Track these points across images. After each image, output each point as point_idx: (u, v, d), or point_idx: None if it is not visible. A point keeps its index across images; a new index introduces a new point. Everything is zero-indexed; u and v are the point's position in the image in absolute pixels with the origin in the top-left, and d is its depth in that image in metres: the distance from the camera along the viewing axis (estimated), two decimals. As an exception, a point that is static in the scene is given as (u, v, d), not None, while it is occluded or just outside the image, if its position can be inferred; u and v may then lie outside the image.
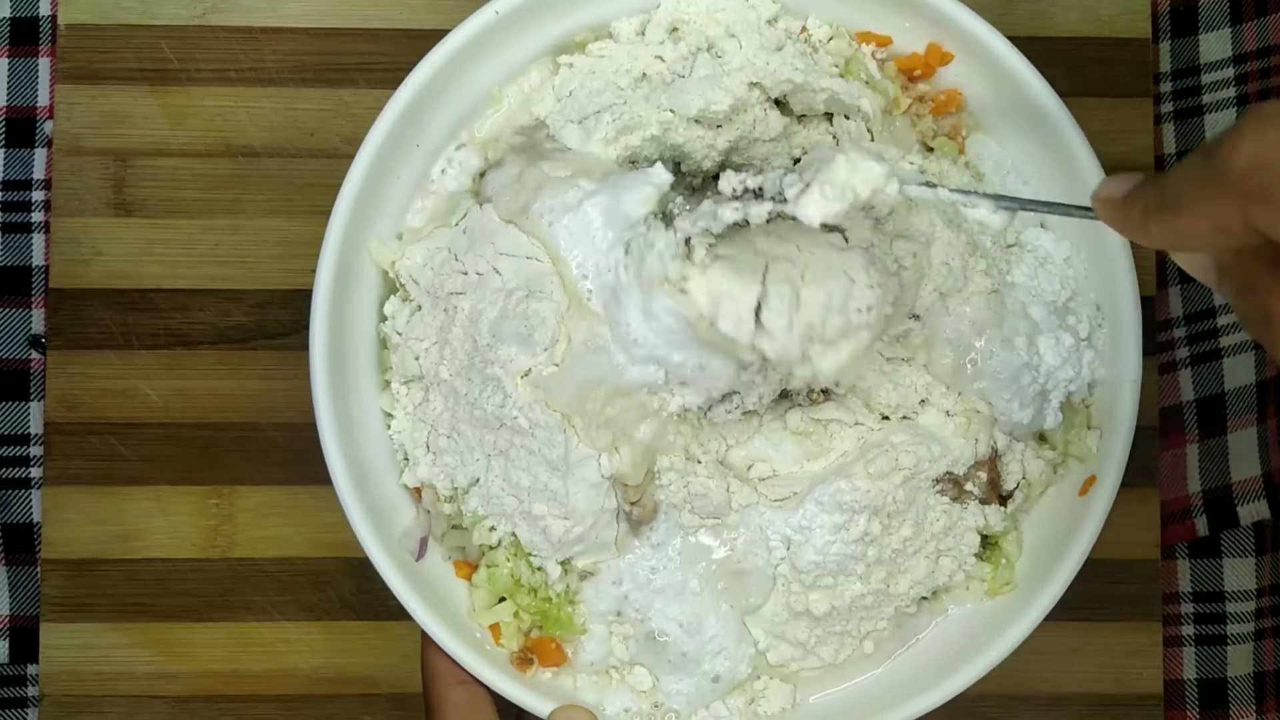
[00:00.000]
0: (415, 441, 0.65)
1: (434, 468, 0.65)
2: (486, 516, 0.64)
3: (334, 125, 0.76)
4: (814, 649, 0.65)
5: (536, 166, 0.63)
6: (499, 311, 0.61)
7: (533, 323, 0.60)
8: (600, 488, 0.62)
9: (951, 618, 0.67)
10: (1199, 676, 0.78)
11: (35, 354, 0.78)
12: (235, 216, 0.76)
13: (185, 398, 0.76)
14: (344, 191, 0.63)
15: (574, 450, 0.61)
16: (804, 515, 0.63)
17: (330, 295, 0.63)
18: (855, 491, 0.62)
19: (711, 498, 0.62)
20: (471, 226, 0.63)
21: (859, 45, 0.67)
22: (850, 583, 0.64)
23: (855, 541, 0.63)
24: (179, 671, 0.76)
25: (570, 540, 0.62)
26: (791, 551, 0.63)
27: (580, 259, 0.61)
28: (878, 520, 0.63)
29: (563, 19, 0.66)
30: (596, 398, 0.61)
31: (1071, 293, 0.66)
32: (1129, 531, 0.76)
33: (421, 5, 0.77)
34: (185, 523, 0.76)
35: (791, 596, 0.64)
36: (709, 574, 0.63)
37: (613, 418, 0.61)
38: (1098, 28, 0.77)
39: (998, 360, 0.63)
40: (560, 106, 0.65)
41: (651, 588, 0.63)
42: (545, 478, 0.61)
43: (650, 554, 0.63)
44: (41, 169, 0.78)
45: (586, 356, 0.61)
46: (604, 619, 0.64)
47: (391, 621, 0.76)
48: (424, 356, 0.65)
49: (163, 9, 0.76)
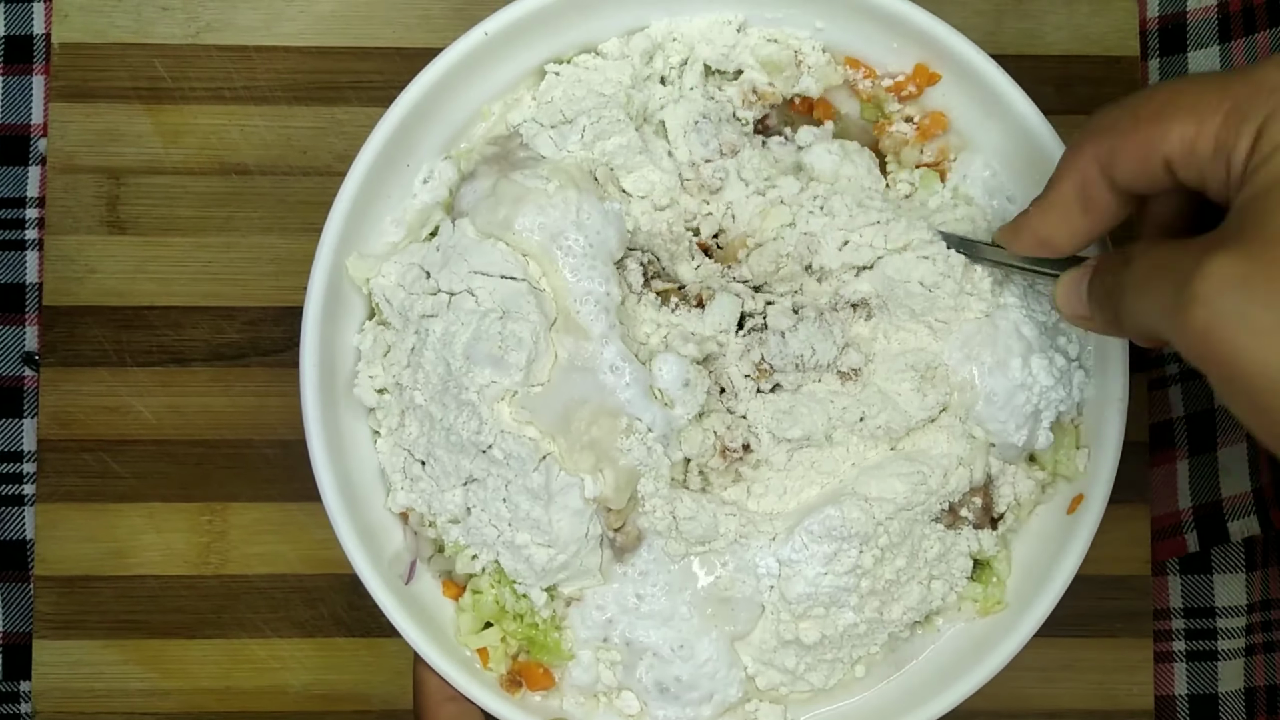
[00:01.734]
0: (394, 466, 0.65)
1: (414, 494, 0.65)
2: (468, 546, 0.64)
3: (327, 143, 0.77)
4: (803, 675, 0.65)
5: (509, 178, 0.63)
6: (472, 333, 0.61)
7: (508, 344, 0.60)
8: (583, 515, 0.61)
9: (943, 636, 0.67)
10: (1190, 692, 0.79)
11: (28, 371, 0.78)
12: (228, 234, 0.76)
13: (178, 414, 0.76)
14: (335, 209, 0.64)
15: (555, 478, 0.61)
16: (793, 547, 0.62)
17: (321, 313, 0.64)
18: (846, 521, 0.62)
19: (699, 520, 0.62)
20: (444, 243, 0.63)
21: (845, 69, 0.67)
22: (843, 613, 0.63)
23: (847, 573, 0.62)
24: (172, 688, 0.76)
25: (554, 568, 0.62)
26: (781, 581, 0.63)
27: (576, 277, 0.61)
28: (870, 552, 0.62)
29: (552, 39, 0.66)
30: (582, 418, 0.61)
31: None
32: (1120, 547, 0.76)
33: (414, 24, 0.77)
34: (178, 539, 0.76)
35: (781, 625, 0.63)
36: (696, 600, 0.63)
37: (597, 439, 0.61)
38: (1087, 46, 0.78)
39: (993, 382, 0.63)
40: (537, 112, 0.65)
41: (638, 614, 0.63)
42: (526, 506, 0.61)
43: (636, 581, 0.63)
44: (35, 187, 0.79)
45: (573, 375, 0.61)
46: (591, 645, 0.64)
47: (383, 638, 0.76)
48: (398, 379, 0.64)
49: (157, 28, 0.77)
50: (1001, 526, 0.66)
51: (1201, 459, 0.79)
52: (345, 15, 0.77)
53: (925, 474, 0.63)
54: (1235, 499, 0.78)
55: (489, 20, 0.64)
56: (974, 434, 0.64)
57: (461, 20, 0.74)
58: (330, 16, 0.77)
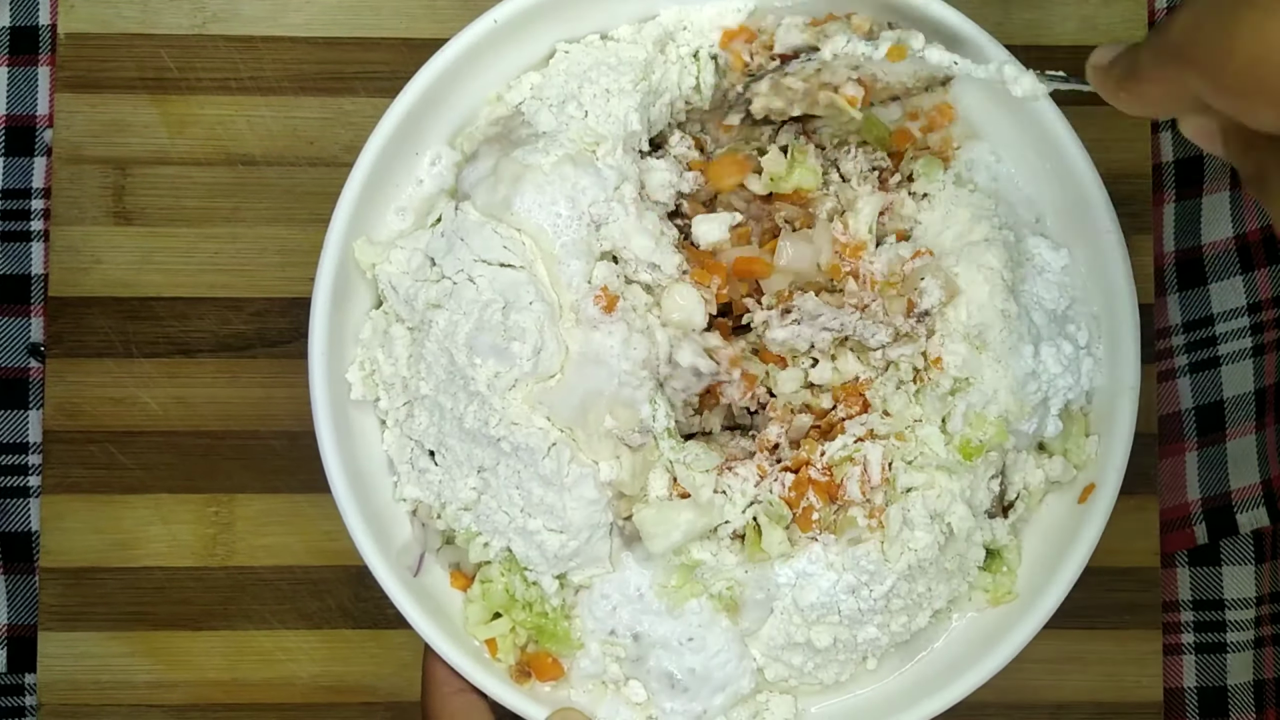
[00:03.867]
0: (401, 458, 0.65)
1: (421, 485, 0.64)
2: (480, 533, 0.63)
3: (333, 134, 0.76)
4: (813, 673, 0.64)
5: (510, 156, 0.62)
6: (475, 324, 0.60)
7: (511, 333, 0.60)
8: (598, 504, 0.61)
9: (954, 627, 0.67)
10: (1199, 684, 0.78)
11: (34, 362, 0.78)
12: (235, 225, 0.76)
13: (184, 406, 0.76)
14: (343, 199, 0.63)
15: (567, 465, 0.61)
16: (810, 558, 0.62)
17: (329, 303, 0.63)
18: (880, 563, 0.62)
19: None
20: (448, 228, 0.63)
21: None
22: (865, 629, 0.63)
23: (878, 599, 0.62)
24: (178, 680, 0.76)
25: (566, 555, 0.62)
26: (795, 590, 0.62)
27: (569, 262, 0.61)
28: (906, 581, 0.62)
29: (561, 27, 0.66)
30: (599, 409, 0.61)
31: (1070, 301, 0.66)
32: (1128, 539, 0.76)
33: (420, 14, 0.77)
34: (184, 531, 0.76)
35: (791, 627, 0.63)
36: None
37: (613, 428, 0.61)
38: (1095, 36, 0.77)
39: (1005, 371, 0.63)
40: (541, 88, 0.65)
41: (644, 603, 0.63)
42: (540, 492, 0.61)
43: (643, 569, 0.63)
44: (41, 177, 0.78)
45: (586, 368, 0.61)
46: (599, 635, 0.64)
47: (390, 630, 0.76)
48: (403, 372, 0.64)
49: (163, 18, 0.77)
50: (1012, 515, 0.66)
51: (1210, 451, 0.79)
52: (352, 6, 0.77)
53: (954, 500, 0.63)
54: (1244, 491, 0.78)
55: (498, 8, 0.64)
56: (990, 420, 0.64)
57: (467, 11, 0.74)
58: (337, 7, 0.77)
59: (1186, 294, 0.80)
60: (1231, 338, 0.79)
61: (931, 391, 0.62)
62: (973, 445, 0.63)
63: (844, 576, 0.62)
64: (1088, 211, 0.65)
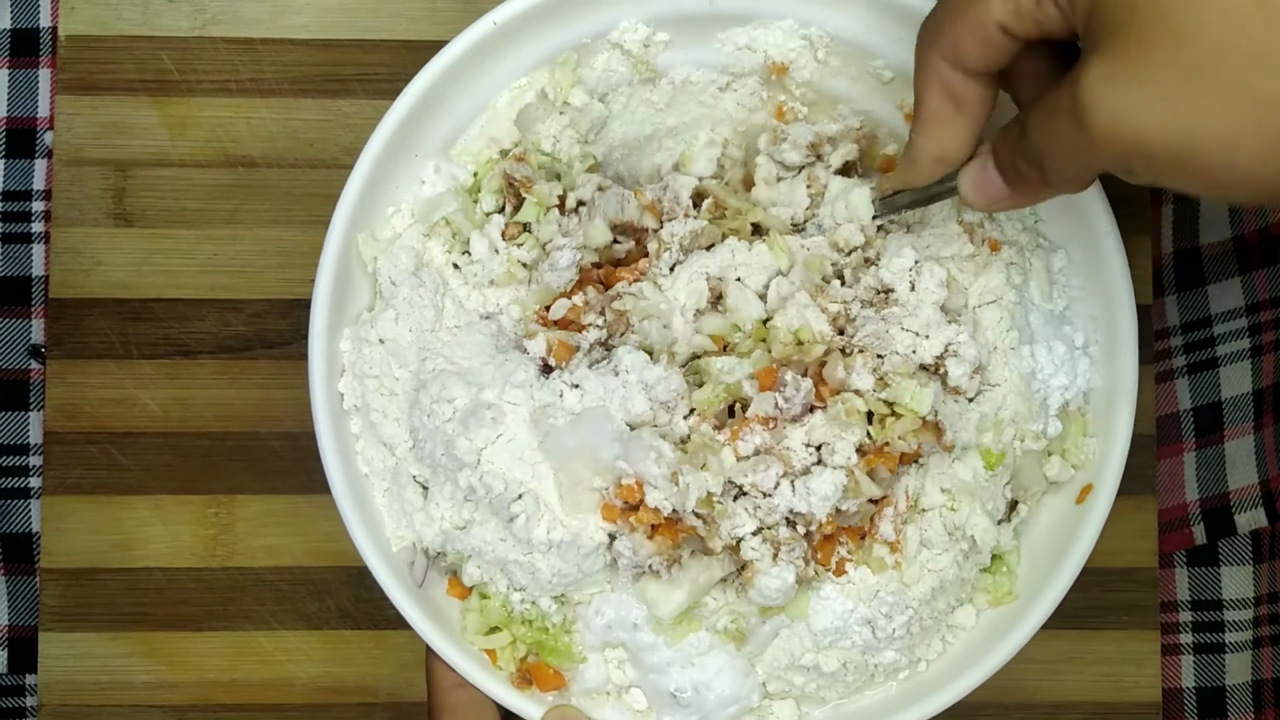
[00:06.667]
0: (393, 495, 0.65)
1: (409, 527, 0.64)
2: (471, 556, 0.63)
3: (333, 136, 0.77)
4: (815, 693, 0.64)
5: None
6: (460, 419, 0.61)
7: (497, 413, 0.60)
8: (596, 555, 0.61)
9: (956, 629, 0.67)
10: (1197, 684, 0.79)
11: (35, 364, 0.78)
12: (235, 226, 0.76)
13: (184, 407, 0.76)
14: (343, 201, 0.64)
15: (539, 524, 0.60)
16: (826, 589, 0.61)
17: (329, 304, 0.63)
18: (899, 593, 0.61)
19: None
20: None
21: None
22: (883, 654, 0.63)
23: (901, 627, 0.62)
24: (178, 681, 0.76)
25: (562, 583, 0.61)
26: (809, 616, 0.62)
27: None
28: (928, 605, 0.62)
29: (561, 30, 0.66)
30: (586, 463, 0.60)
31: (1068, 302, 0.66)
32: (1127, 540, 0.76)
33: (420, 16, 0.77)
34: (184, 532, 0.76)
35: (800, 650, 0.62)
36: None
37: (596, 489, 0.60)
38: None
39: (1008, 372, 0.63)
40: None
41: (644, 630, 0.62)
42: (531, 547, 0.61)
43: (641, 605, 0.62)
44: (42, 179, 0.79)
45: (597, 420, 0.60)
46: (600, 648, 0.63)
47: (390, 631, 0.76)
48: (385, 410, 0.64)
49: (163, 20, 0.77)
50: (1015, 518, 0.66)
51: (1208, 451, 0.79)
52: (351, 8, 0.77)
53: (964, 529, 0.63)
54: (1242, 491, 0.78)
55: (498, 10, 0.64)
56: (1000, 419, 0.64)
57: (468, 14, 0.74)
58: (336, 9, 0.77)
59: (1185, 295, 0.80)
60: (1230, 338, 0.79)
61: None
62: (994, 454, 0.63)
63: (859, 608, 0.61)
64: (1086, 212, 0.65)
